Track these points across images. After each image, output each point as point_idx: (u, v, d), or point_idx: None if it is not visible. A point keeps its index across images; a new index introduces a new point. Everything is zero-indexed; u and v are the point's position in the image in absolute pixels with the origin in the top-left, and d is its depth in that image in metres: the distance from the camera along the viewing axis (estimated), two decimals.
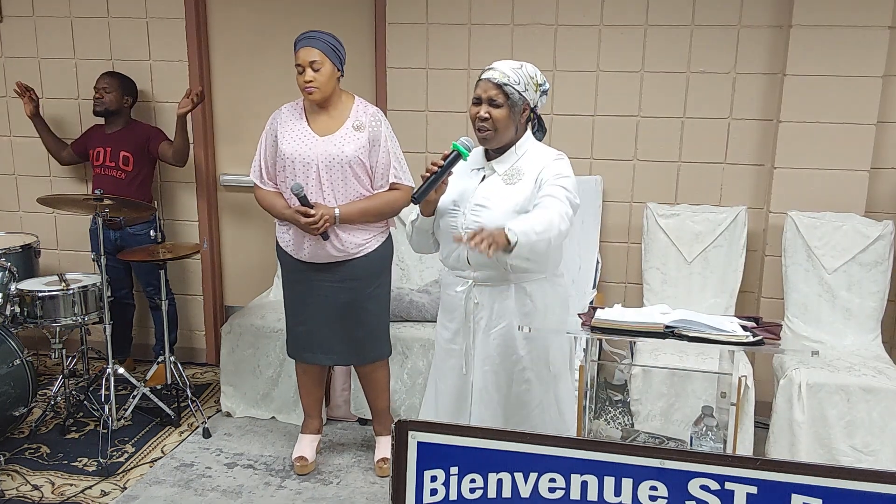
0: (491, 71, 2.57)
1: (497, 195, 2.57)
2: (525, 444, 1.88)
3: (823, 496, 1.73)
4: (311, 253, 3.29)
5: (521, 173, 2.58)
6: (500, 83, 2.52)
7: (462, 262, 2.62)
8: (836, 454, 3.32)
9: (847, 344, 3.65)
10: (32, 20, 4.45)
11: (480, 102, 2.55)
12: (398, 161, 3.31)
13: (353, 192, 3.25)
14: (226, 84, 4.46)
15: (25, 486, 3.41)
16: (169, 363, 3.97)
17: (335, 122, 3.26)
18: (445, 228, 2.62)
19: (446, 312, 2.77)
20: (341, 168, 3.21)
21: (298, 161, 3.21)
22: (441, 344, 2.81)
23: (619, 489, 1.83)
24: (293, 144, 3.24)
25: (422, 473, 1.93)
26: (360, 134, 3.23)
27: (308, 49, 3.18)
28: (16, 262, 3.91)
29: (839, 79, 3.69)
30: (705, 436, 2.23)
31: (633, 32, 3.92)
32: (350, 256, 3.30)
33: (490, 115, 2.53)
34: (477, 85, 2.58)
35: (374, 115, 3.29)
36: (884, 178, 3.84)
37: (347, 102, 3.31)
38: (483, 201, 2.56)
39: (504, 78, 2.53)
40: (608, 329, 2.22)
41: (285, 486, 3.46)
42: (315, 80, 3.17)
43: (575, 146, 4.06)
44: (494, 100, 2.53)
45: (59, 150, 4.38)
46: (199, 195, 4.50)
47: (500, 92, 2.52)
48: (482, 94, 2.55)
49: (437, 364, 2.87)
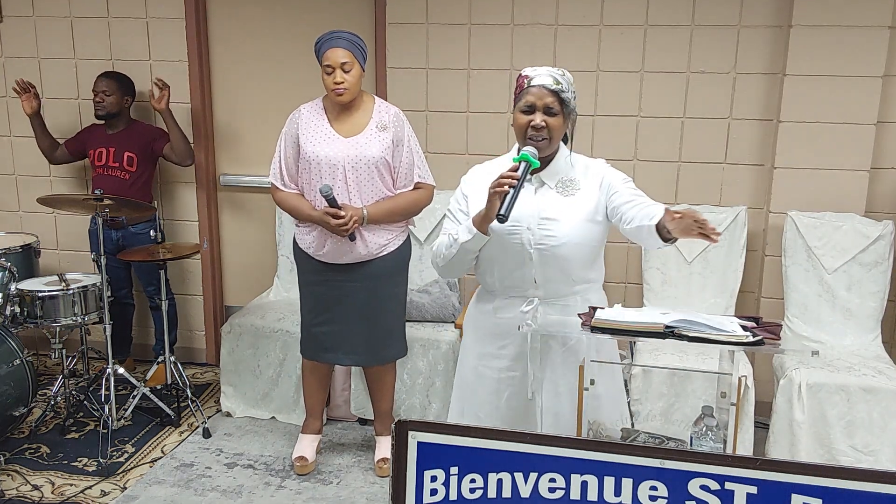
0: (543, 77, 2.38)
1: (561, 207, 2.42)
2: (525, 444, 1.88)
3: (823, 496, 1.73)
4: (332, 253, 3.28)
5: (576, 184, 2.46)
6: (557, 90, 2.36)
7: (527, 281, 2.45)
8: (836, 454, 3.32)
9: (847, 344, 3.65)
10: (32, 20, 4.45)
11: (533, 110, 2.37)
12: (421, 160, 3.32)
13: (378, 192, 3.25)
14: (226, 84, 4.46)
15: (25, 486, 3.41)
16: (169, 363, 3.97)
17: (359, 123, 3.25)
18: (507, 247, 2.42)
19: (497, 338, 2.53)
20: (368, 169, 3.20)
21: (325, 162, 3.20)
22: (490, 374, 2.56)
23: (619, 489, 1.83)
24: (317, 146, 3.22)
25: (422, 473, 1.93)
26: (385, 134, 3.23)
27: (337, 50, 3.15)
28: (16, 262, 3.91)
29: (839, 79, 3.69)
30: (705, 436, 2.23)
31: (633, 32, 3.92)
32: (373, 256, 3.30)
33: (546, 124, 2.36)
34: (526, 91, 2.38)
35: (397, 115, 3.29)
36: (884, 178, 3.84)
37: (368, 102, 3.30)
38: (551, 215, 2.40)
39: (559, 85, 2.37)
40: (608, 329, 2.21)
41: (285, 486, 3.46)
42: (346, 82, 3.15)
43: (575, 146, 4.04)
44: (551, 108, 2.36)
45: (53, 149, 4.34)
46: (199, 195, 4.50)
47: (557, 99, 2.36)
48: (537, 102, 2.36)
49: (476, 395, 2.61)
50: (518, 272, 2.45)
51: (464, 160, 4.11)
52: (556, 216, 2.41)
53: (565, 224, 2.40)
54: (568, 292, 2.47)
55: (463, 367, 2.68)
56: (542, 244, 2.40)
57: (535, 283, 2.45)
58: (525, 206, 2.39)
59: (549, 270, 2.42)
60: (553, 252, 2.40)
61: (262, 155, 4.23)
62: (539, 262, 2.42)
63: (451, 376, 3.79)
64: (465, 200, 2.51)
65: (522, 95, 2.40)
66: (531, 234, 2.40)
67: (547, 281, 2.44)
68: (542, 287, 2.45)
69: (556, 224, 2.40)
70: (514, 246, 2.42)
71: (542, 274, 2.43)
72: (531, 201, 2.42)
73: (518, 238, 2.41)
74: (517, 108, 2.41)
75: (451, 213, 2.55)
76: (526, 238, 2.41)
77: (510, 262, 2.44)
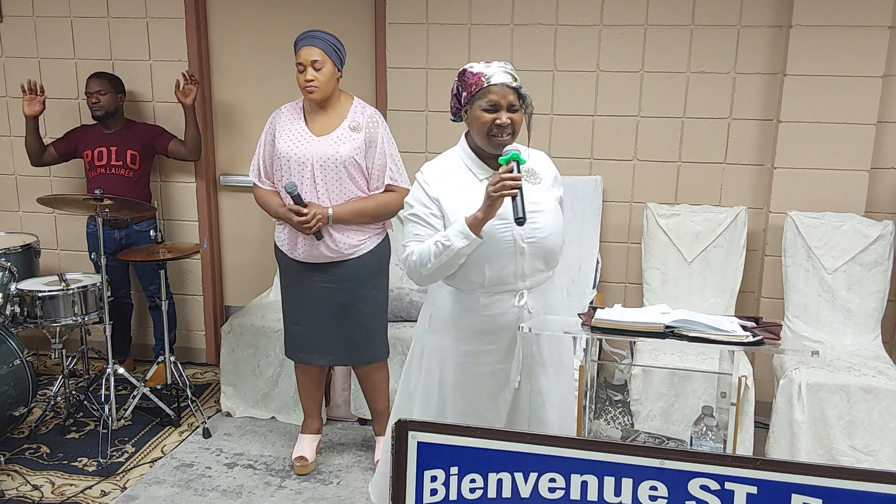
0: (501, 74, 2.41)
1: (537, 198, 2.45)
2: (525, 444, 1.88)
3: (823, 496, 1.73)
4: (305, 253, 3.29)
5: (536, 173, 2.52)
6: (516, 87, 2.40)
7: (517, 275, 2.45)
8: (836, 454, 3.32)
9: (847, 344, 3.65)
10: (32, 20, 4.45)
11: (497, 109, 2.38)
12: (395, 163, 3.31)
13: (348, 192, 3.25)
14: (226, 84, 4.46)
15: (25, 486, 3.41)
16: (169, 363, 3.97)
17: (332, 123, 3.26)
18: (497, 245, 2.41)
19: (484, 336, 2.51)
20: (336, 168, 3.21)
21: (294, 160, 3.22)
22: (481, 370, 2.54)
23: (619, 489, 1.83)
24: (289, 144, 3.24)
25: (422, 473, 1.93)
26: (357, 135, 3.23)
27: (310, 48, 3.19)
28: (16, 262, 3.91)
29: (839, 79, 3.69)
30: (705, 436, 2.23)
31: (633, 32, 3.91)
32: (345, 257, 3.30)
33: (511, 120, 2.39)
34: (487, 90, 2.39)
35: (372, 116, 3.29)
36: (884, 178, 3.84)
37: (346, 103, 3.31)
38: (532, 206, 2.38)
39: (517, 82, 2.41)
40: (608, 329, 2.21)
41: (285, 486, 3.45)
42: (316, 80, 3.18)
43: (575, 146, 4.07)
44: (514, 105, 2.40)
45: (41, 153, 4.27)
46: (199, 195, 4.50)
47: (517, 96, 2.41)
48: (500, 101, 2.38)
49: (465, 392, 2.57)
50: (509, 268, 2.45)
51: None
52: (537, 206, 2.44)
53: (547, 213, 2.46)
54: (545, 278, 2.54)
55: (441, 371, 2.59)
56: (532, 237, 2.42)
57: (524, 275, 2.46)
58: (506, 202, 2.36)
59: (536, 262, 2.46)
60: (541, 243, 2.44)
61: None
62: (530, 255, 2.44)
63: None
64: (435, 204, 2.46)
65: (483, 94, 2.39)
66: (521, 229, 2.40)
67: (534, 272, 2.48)
68: (529, 278, 2.48)
69: (540, 215, 2.44)
70: (506, 243, 2.41)
71: (531, 265, 2.46)
72: None
73: (509, 234, 2.41)
74: (477, 106, 2.40)
75: (418, 218, 2.48)
76: (517, 233, 2.41)
77: (502, 260, 2.43)
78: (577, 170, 4.06)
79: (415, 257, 2.43)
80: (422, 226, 2.47)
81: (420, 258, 2.42)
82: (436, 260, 2.38)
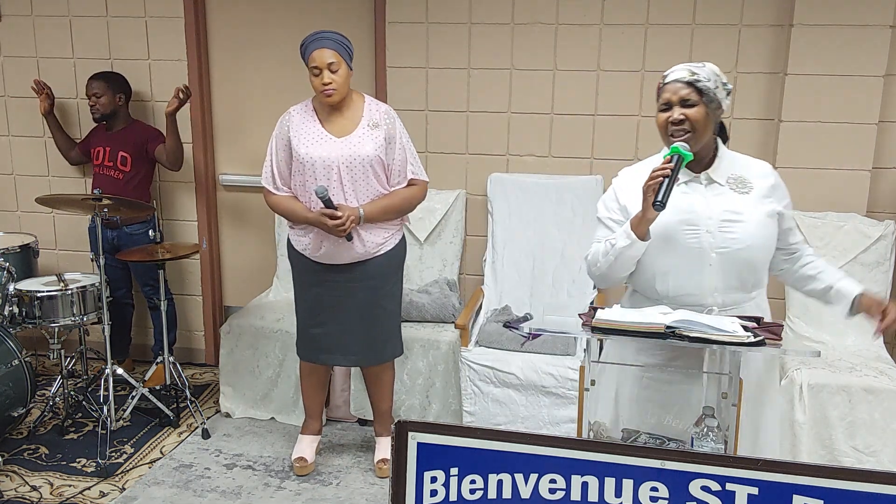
0: (677, 72, 2.28)
1: (741, 206, 2.28)
2: (525, 445, 1.87)
3: (825, 497, 1.72)
4: (329, 254, 3.27)
5: (747, 182, 2.32)
6: (692, 81, 2.24)
7: (706, 289, 2.28)
8: (838, 455, 3.31)
9: (848, 344, 3.64)
10: (31, 20, 4.44)
11: (670, 107, 2.26)
12: (413, 157, 3.31)
13: (373, 190, 3.23)
14: (225, 84, 4.45)
15: (24, 486, 3.40)
16: (168, 364, 3.96)
17: (350, 123, 3.24)
18: (683, 252, 2.26)
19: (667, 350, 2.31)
20: (362, 168, 3.19)
21: (319, 163, 3.17)
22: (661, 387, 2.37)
23: (619, 490, 1.83)
24: (310, 147, 3.20)
25: (422, 474, 1.92)
26: (377, 132, 3.22)
27: (323, 51, 3.13)
28: (14, 263, 3.91)
29: (841, 78, 3.68)
30: (706, 437, 2.22)
31: (634, 32, 3.91)
32: (370, 256, 3.29)
33: (686, 116, 2.24)
34: (662, 90, 2.29)
35: (388, 112, 3.28)
36: (885, 177, 3.83)
37: (358, 101, 3.29)
38: (731, 215, 2.25)
39: (694, 76, 2.25)
40: (608, 329, 2.20)
41: (285, 486, 3.45)
42: (334, 82, 3.13)
43: (575, 146, 4.06)
44: (687, 99, 2.24)
45: (69, 149, 4.40)
46: (198, 195, 4.49)
47: (693, 90, 2.24)
48: (671, 97, 2.26)
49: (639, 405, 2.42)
50: (696, 279, 2.27)
51: (464, 160, 4.11)
52: (738, 216, 2.26)
53: (749, 224, 2.26)
54: (745, 299, 2.32)
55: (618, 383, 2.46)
56: (725, 247, 2.25)
57: (714, 290, 2.28)
58: (700, 207, 2.27)
59: (729, 276, 2.27)
60: (735, 255, 2.25)
61: (261, 155, 4.16)
62: (719, 267, 2.26)
63: (450, 377, 3.78)
64: (621, 210, 2.37)
65: (659, 95, 2.32)
66: (711, 236, 2.24)
67: (728, 289, 2.28)
68: (721, 294, 2.29)
69: (739, 225, 2.25)
70: (692, 250, 2.25)
71: (724, 280, 2.27)
72: (705, 201, 2.29)
73: (697, 241, 2.25)
74: (657, 108, 2.33)
75: (602, 221, 2.42)
76: (706, 241, 2.25)
77: (687, 268, 2.27)
78: (577, 170, 4.05)
79: (590, 256, 2.40)
80: (604, 228, 2.41)
81: (593, 257, 2.38)
82: (604, 259, 2.32)
